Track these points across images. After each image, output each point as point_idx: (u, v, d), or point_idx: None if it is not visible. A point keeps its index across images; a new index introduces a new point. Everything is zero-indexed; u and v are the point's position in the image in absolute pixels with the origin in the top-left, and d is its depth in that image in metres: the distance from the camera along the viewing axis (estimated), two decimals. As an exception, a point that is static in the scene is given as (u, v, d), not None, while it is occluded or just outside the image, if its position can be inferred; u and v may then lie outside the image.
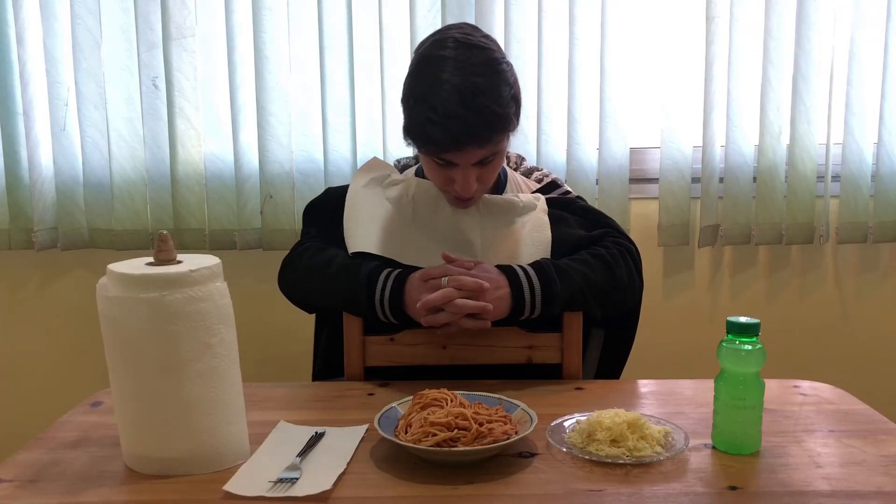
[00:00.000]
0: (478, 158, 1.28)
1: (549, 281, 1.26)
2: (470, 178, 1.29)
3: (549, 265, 1.29)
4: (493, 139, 1.26)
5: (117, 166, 1.97)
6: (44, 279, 2.11)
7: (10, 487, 0.95)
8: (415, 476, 0.96)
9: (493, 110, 1.23)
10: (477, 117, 1.22)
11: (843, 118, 1.98)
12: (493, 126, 1.25)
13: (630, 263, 1.36)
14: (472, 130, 1.23)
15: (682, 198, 1.99)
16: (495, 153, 1.30)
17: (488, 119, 1.24)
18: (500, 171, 1.46)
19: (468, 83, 1.23)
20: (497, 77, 1.26)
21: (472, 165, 1.29)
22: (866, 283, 2.11)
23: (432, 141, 1.26)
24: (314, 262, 1.36)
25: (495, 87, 1.25)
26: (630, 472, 0.96)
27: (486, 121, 1.23)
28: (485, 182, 1.33)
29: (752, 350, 1.00)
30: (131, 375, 0.96)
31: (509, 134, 1.31)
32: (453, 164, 1.29)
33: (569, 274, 1.28)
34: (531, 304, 1.26)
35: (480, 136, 1.24)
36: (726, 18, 1.93)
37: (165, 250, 0.98)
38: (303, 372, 2.00)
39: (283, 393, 1.28)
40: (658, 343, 2.04)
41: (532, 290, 1.26)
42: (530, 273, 1.27)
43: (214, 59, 1.96)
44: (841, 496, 0.90)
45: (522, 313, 1.27)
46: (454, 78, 1.23)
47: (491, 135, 1.25)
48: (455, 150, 1.26)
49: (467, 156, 1.27)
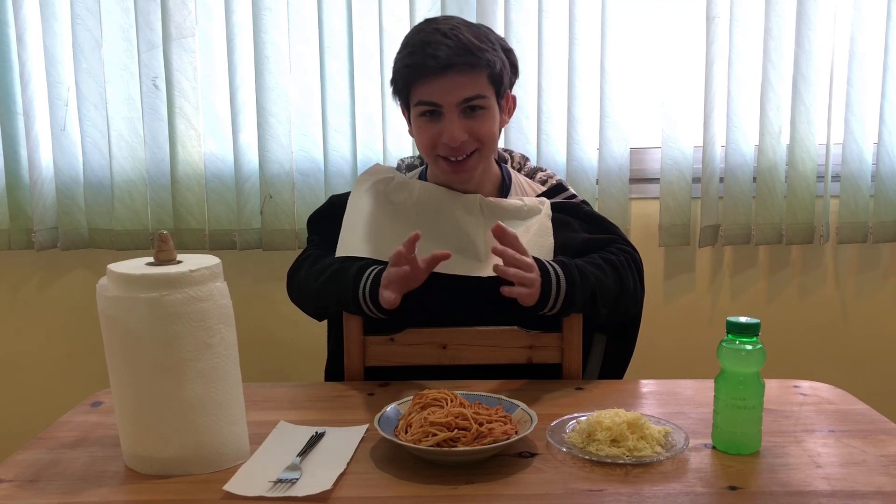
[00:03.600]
0: (461, 96, 1.27)
1: (573, 283, 1.25)
2: (455, 123, 1.28)
3: (573, 267, 1.27)
4: (471, 69, 1.26)
5: (117, 166, 1.97)
6: (44, 279, 2.11)
7: (10, 487, 0.95)
8: (415, 476, 0.96)
9: (470, 40, 1.26)
10: (453, 42, 1.25)
11: (843, 118, 1.98)
12: (472, 53, 1.25)
13: (635, 272, 1.36)
14: (449, 54, 1.24)
15: (683, 198, 1.98)
16: (480, 97, 1.28)
17: (466, 46, 1.25)
18: (503, 171, 1.45)
19: (448, 24, 1.28)
20: (479, 27, 1.31)
21: (458, 110, 1.28)
22: (866, 283, 2.11)
23: (410, 69, 1.27)
24: (312, 270, 1.37)
25: (476, 27, 1.30)
26: (630, 472, 0.96)
27: (464, 46, 1.25)
28: (477, 136, 1.30)
29: (752, 350, 1.00)
30: (131, 375, 0.96)
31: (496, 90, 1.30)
32: (438, 112, 1.28)
33: (587, 276, 1.27)
34: (554, 301, 1.24)
35: (457, 61, 1.24)
36: (726, 18, 1.93)
37: (165, 250, 0.98)
38: (303, 372, 2.00)
39: (283, 393, 1.28)
40: (658, 343, 2.04)
41: (558, 288, 1.24)
42: (559, 271, 1.25)
43: (214, 59, 1.96)
44: (841, 496, 0.90)
45: (545, 307, 1.24)
46: (435, 24, 1.29)
47: (468, 59, 1.25)
48: (431, 72, 1.25)
49: (447, 88, 1.26)
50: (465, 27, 1.29)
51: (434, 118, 1.30)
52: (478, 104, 1.29)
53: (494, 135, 1.33)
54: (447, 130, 1.28)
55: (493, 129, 1.32)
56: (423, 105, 1.29)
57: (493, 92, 1.30)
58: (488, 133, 1.31)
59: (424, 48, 1.26)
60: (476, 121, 1.30)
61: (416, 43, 1.28)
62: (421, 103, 1.29)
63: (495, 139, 1.35)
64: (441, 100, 1.27)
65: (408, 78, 1.30)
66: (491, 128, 1.32)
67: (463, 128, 1.29)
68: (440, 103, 1.28)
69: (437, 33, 1.26)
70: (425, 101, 1.29)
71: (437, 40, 1.25)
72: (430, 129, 1.31)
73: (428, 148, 1.33)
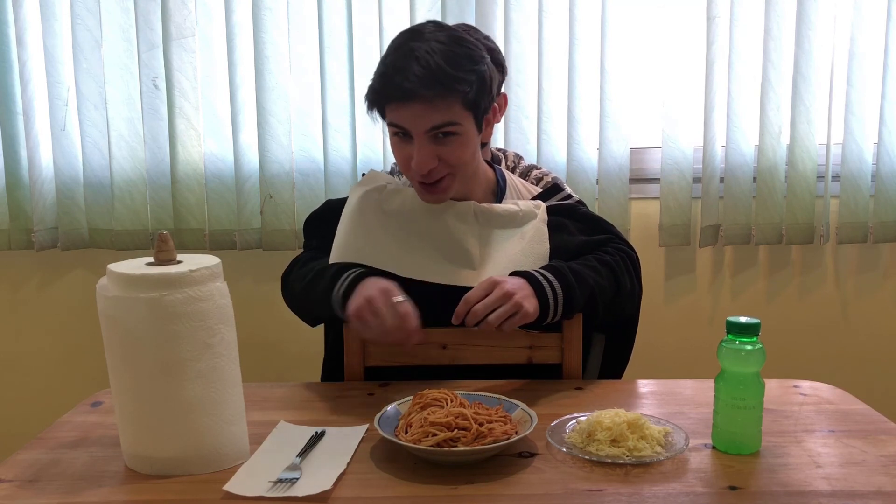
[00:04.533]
0: (429, 125, 1.24)
1: (569, 286, 1.24)
2: (424, 149, 1.25)
3: (566, 269, 1.26)
4: (441, 100, 1.22)
5: (117, 166, 1.97)
6: (44, 279, 2.11)
7: (10, 487, 0.95)
8: (415, 476, 0.96)
9: (442, 68, 1.21)
10: (423, 70, 1.20)
11: (843, 118, 1.98)
12: (440, 82, 1.21)
13: (631, 271, 1.35)
14: (417, 85, 1.20)
15: (684, 198, 1.99)
16: (451, 124, 1.25)
17: (435, 74, 1.21)
18: (497, 174, 1.44)
19: (425, 46, 1.23)
20: (458, 47, 1.25)
21: (427, 137, 1.25)
22: (866, 283, 2.11)
23: (377, 91, 1.25)
24: (300, 273, 1.37)
25: (452, 52, 1.24)
26: (630, 472, 0.96)
27: (433, 75, 1.21)
28: (448, 162, 1.28)
29: (752, 350, 1.00)
30: (131, 375, 0.96)
31: (472, 114, 1.27)
32: (409, 136, 1.26)
33: (583, 277, 1.27)
34: (554, 309, 1.23)
35: (423, 92, 1.21)
36: (726, 18, 1.93)
37: (165, 250, 0.98)
38: (303, 372, 2.00)
39: (283, 393, 1.28)
40: (658, 343, 2.04)
41: (554, 294, 1.23)
42: (550, 278, 1.24)
43: (214, 59, 1.96)
44: (841, 496, 0.90)
45: (546, 318, 1.23)
46: (413, 42, 1.24)
47: (436, 90, 1.21)
48: (398, 99, 1.23)
49: (415, 115, 1.23)
50: (443, 49, 1.24)
51: (406, 139, 1.28)
52: (449, 130, 1.26)
53: (466, 160, 1.30)
54: (416, 157, 1.26)
55: (464, 154, 1.29)
56: (394, 127, 1.28)
57: (468, 116, 1.27)
58: (458, 159, 1.29)
59: (394, 74, 1.23)
60: (447, 147, 1.27)
61: (388, 65, 1.25)
62: (392, 125, 1.28)
63: (468, 163, 1.32)
64: (409, 126, 1.25)
65: (374, 101, 1.28)
66: (462, 154, 1.29)
67: (432, 154, 1.26)
68: (408, 129, 1.26)
69: (410, 57, 1.22)
70: (395, 125, 1.27)
71: (408, 67, 1.21)
72: (402, 150, 1.29)
73: (402, 167, 1.32)
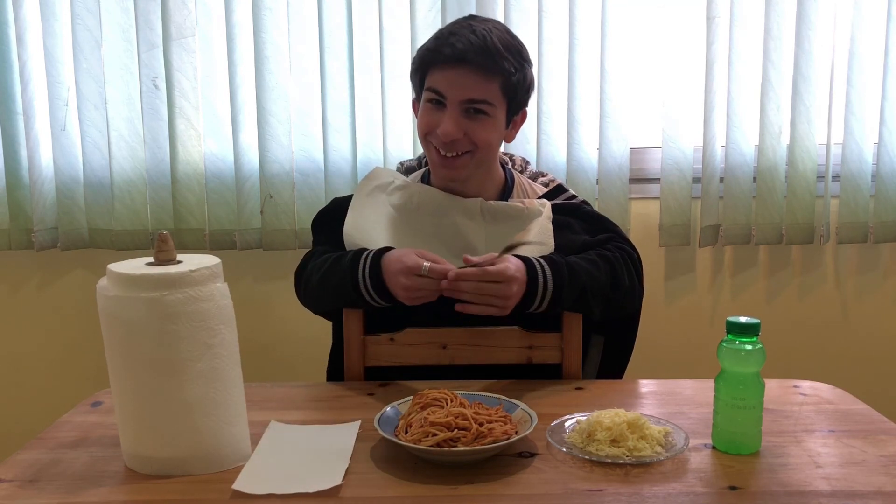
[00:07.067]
0: (467, 95, 1.27)
1: (560, 282, 1.25)
2: (454, 119, 1.28)
3: (563, 265, 1.27)
4: (485, 72, 1.26)
5: (117, 166, 1.97)
6: (44, 279, 2.11)
7: (10, 487, 0.95)
8: (415, 476, 0.96)
9: (496, 44, 1.27)
10: (478, 41, 1.26)
11: (843, 118, 1.98)
12: (490, 56, 1.26)
13: (632, 269, 1.36)
14: (466, 49, 1.25)
15: (683, 198, 1.99)
16: (486, 103, 1.29)
17: (488, 47, 1.26)
18: (507, 174, 1.45)
19: (483, 25, 1.29)
20: (514, 39, 1.32)
21: (460, 108, 1.28)
22: (866, 283, 2.11)
23: (428, 50, 1.29)
24: (315, 265, 1.37)
25: (508, 39, 1.30)
26: (630, 472, 0.96)
27: (486, 48, 1.26)
28: (472, 139, 1.30)
29: (752, 350, 1.00)
30: (131, 375, 0.96)
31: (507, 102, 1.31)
32: (443, 104, 1.29)
33: (577, 273, 1.27)
34: (540, 299, 1.25)
35: (472, 58, 1.25)
36: (726, 18, 1.93)
37: (165, 250, 0.98)
38: (303, 372, 2.00)
39: (283, 393, 1.28)
40: (658, 343, 2.04)
41: (545, 287, 1.24)
42: (546, 270, 1.25)
43: (214, 59, 1.96)
44: (841, 496, 0.90)
45: (530, 307, 1.25)
46: (472, 21, 1.31)
47: (485, 62, 1.26)
48: (445, 61, 1.27)
49: (457, 82, 1.27)
50: (500, 32, 1.30)
51: (438, 108, 1.31)
52: (482, 108, 1.29)
53: (491, 142, 1.33)
54: (445, 123, 1.29)
55: (490, 136, 1.32)
56: (430, 92, 1.31)
57: (503, 102, 1.31)
58: (484, 139, 1.31)
59: (448, 37, 1.28)
60: (476, 123, 1.30)
61: (444, 31, 1.31)
62: (430, 90, 1.31)
63: (490, 147, 1.34)
64: (447, 92, 1.28)
65: (424, 60, 1.32)
66: (488, 135, 1.31)
67: (460, 126, 1.29)
68: (445, 95, 1.28)
69: (467, 28, 1.28)
70: (433, 89, 1.30)
71: (463, 34, 1.27)
72: (430, 116, 1.32)
73: (423, 132, 1.34)
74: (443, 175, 1.36)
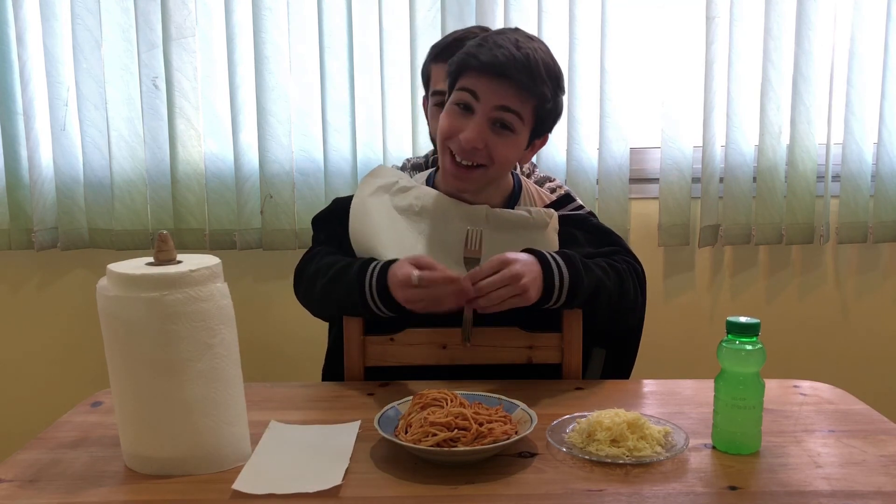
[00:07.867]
0: (501, 103, 1.25)
1: (577, 272, 1.24)
2: (480, 127, 1.26)
3: (575, 256, 1.26)
4: (521, 90, 1.24)
5: (117, 166, 1.97)
6: (44, 279, 2.11)
7: (10, 487, 0.95)
8: (415, 476, 0.96)
9: (539, 67, 1.25)
10: (523, 58, 1.24)
11: (843, 118, 1.98)
12: (532, 76, 1.24)
13: (636, 282, 1.35)
14: (514, 63, 1.23)
15: (683, 198, 1.99)
16: (516, 117, 1.26)
17: (532, 67, 1.24)
18: (514, 180, 1.44)
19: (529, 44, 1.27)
20: (556, 67, 1.31)
21: (488, 119, 1.26)
22: (866, 283, 2.11)
23: (470, 54, 1.26)
24: (318, 268, 1.35)
25: (551, 66, 1.29)
26: (630, 472, 0.96)
27: (529, 67, 1.24)
28: (491, 154, 1.28)
29: (752, 350, 1.00)
30: (131, 375, 0.96)
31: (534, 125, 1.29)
32: (471, 108, 1.27)
33: (591, 268, 1.27)
34: (558, 293, 1.23)
35: (514, 73, 1.23)
36: (726, 18, 1.93)
37: (165, 250, 0.98)
38: (303, 372, 2.00)
39: (283, 393, 1.28)
40: (658, 343, 2.04)
41: (561, 277, 1.23)
42: (559, 261, 1.24)
43: (214, 59, 1.96)
44: (841, 496, 0.90)
45: (550, 300, 1.23)
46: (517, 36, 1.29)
47: (525, 80, 1.24)
48: (487, 70, 1.24)
49: (494, 90, 1.24)
50: (543, 54, 1.28)
51: (465, 113, 1.28)
52: (509, 122, 1.26)
53: (507, 160, 1.31)
54: (468, 129, 1.26)
55: (509, 153, 1.30)
56: (464, 92, 1.27)
57: (531, 122, 1.28)
58: (503, 156, 1.29)
59: (494, 48, 1.25)
60: (499, 138, 1.27)
61: (489, 39, 1.28)
62: (464, 89, 1.27)
63: (505, 165, 1.32)
64: (483, 96, 1.26)
65: (463, 63, 1.28)
66: (508, 152, 1.30)
67: (483, 136, 1.27)
68: (480, 97, 1.26)
69: (512, 43, 1.25)
70: (468, 90, 1.27)
71: (509, 48, 1.24)
72: (455, 120, 1.29)
73: (443, 136, 1.31)
74: (453, 185, 1.34)
